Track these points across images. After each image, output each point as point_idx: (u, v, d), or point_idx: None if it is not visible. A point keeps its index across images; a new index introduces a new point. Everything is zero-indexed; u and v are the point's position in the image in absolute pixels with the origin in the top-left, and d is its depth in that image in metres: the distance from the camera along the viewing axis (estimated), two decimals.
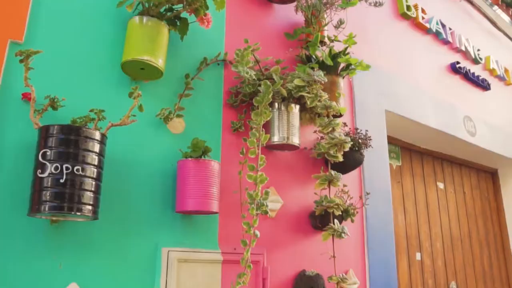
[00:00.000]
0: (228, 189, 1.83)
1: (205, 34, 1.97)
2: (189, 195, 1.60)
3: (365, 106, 2.60)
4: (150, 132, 1.71)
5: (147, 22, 1.65)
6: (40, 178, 1.30)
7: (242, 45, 2.07)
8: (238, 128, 1.94)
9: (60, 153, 1.31)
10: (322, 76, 1.83)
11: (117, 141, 1.59)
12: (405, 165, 3.38)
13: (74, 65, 1.59)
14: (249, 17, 2.20)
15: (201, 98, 1.89)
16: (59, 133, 1.33)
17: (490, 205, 4.12)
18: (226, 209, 1.81)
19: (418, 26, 3.30)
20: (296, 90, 1.84)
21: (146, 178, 1.66)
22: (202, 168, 1.62)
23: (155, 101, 1.75)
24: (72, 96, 1.54)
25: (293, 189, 2.12)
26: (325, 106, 1.81)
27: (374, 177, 2.51)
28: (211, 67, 1.96)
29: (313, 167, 2.22)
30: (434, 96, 3.21)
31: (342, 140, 1.73)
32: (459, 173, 3.90)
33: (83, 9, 1.66)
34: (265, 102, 1.72)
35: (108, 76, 1.66)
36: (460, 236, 3.66)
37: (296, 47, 2.28)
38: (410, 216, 3.26)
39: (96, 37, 1.67)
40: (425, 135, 3.23)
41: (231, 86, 1.99)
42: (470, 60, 3.80)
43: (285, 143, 1.91)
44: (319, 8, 2.05)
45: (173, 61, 1.83)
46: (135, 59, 1.59)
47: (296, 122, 1.94)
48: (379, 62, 2.80)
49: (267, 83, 1.77)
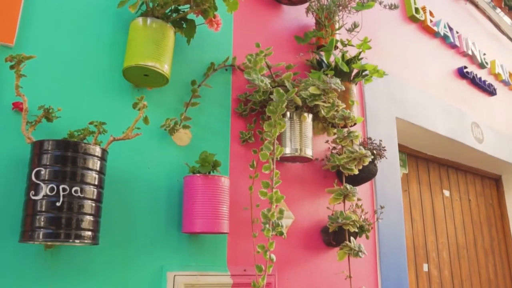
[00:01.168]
0: (237, 204, 1.70)
1: (212, 37, 1.83)
2: (197, 215, 1.46)
3: (376, 113, 2.48)
4: (153, 144, 1.56)
5: (152, 23, 1.50)
6: (33, 201, 1.14)
7: (250, 49, 1.94)
8: (247, 139, 1.80)
9: (56, 172, 1.16)
10: (339, 84, 1.70)
11: (118, 155, 1.44)
12: (412, 172, 3.27)
13: (70, 71, 1.43)
14: (257, 19, 2.06)
15: (208, 106, 1.75)
16: (55, 149, 1.18)
17: (494, 212, 4.04)
18: (235, 226, 1.67)
19: (426, 30, 3.19)
20: (311, 98, 1.71)
21: (150, 195, 1.51)
22: (212, 185, 1.48)
23: (159, 110, 1.61)
24: (68, 105, 1.39)
25: (304, 202, 1.99)
26: (343, 116, 1.67)
27: (386, 188, 2.39)
28: (219, 73, 1.81)
29: (325, 179, 2.09)
30: (443, 101, 3.11)
31: (362, 154, 1.60)
32: (464, 180, 3.81)
33: (80, 9, 1.50)
34: (279, 113, 1.58)
35: (108, 83, 1.51)
36: (466, 244, 3.56)
37: (307, 52, 2.15)
38: (417, 225, 3.16)
39: (95, 40, 1.51)
40: (433, 142, 3.12)
41: (240, 93, 1.85)
42: (477, 64, 3.70)
43: (298, 155, 1.78)
44: (333, 10, 1.91)
45: (178, 66, 1.69)
46: (139, 65, 1.44)
47: (309, 133, 1.81)
48: (389, 67, 2.68)
49: (280, 91, 1.63)
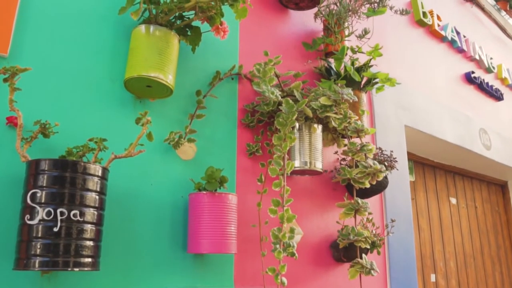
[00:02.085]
0: (244, 221, 1.61)
1: (217, 44, 1.75)
2: (204, 235, 1.37)
3: (385, 121, 2.40)
4: (156, 159, 1.47)
5: (155, 31, 1.42)
6: (28, 226, 1.06)
7: (256, 56, 1.86)
8: (254, 152, 1.71)
9: (53, 195, 1.07)
10: (351, 95, 1.62)
11: (118, 171, 1.36)
12: (419, 180, 3.19)
13: (68, 83, 1.34)
14: (263, 24, 1.98)
15: (213, 117, 1.66)
16: (52, 169, 1.10)
17: (500, 218, 3.97)
18: (242, 244, 1.59)
19: (433, 34, 3.11)
20: (322, 110, 1.62)
21: (153, 213, 1.43)
22: (219, 203, 1.40)
23: (162, 122, 1.52)
24: (66, 119, 1.30)
25: (313, 216, 1.91)
26: (356, 129, 1.59)
27: (396, 198, 2.31)
28: (224, 82, 1.73)
29: (334, 191, 2.01)
30: (451, 108, 3.03)
31: (377, 169, 1.52)
32: (471, 187, 3.74)
33: (78, 16, 1.42)
34: (290, 125, 1.50)
35: (108, 95, 1.42)
36: (473, 253, 3.49)
37: (315, 59, 2.07)
38: (425, 234, 3.08)
39: (95, 49, 1.42)
40: (441, 150, 3.05)
41: (247, 103, 1.77)
42: (484, 69, 3.63)
43: (307, 168, 1.70)
44: (343, 16, 1.83)
45: (182, 76, 1.60)
46: (141, 76, 1.35)
47: (319, 145, 1.73)
48: (397, 73, 2.60)
49: (289, 102, 1.55)
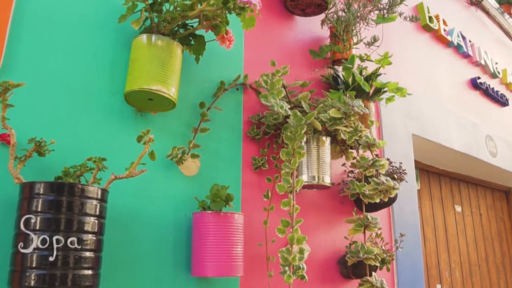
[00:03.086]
0: (249, 239, 1.54)
1: (221, 53, 1.67)
2: (209, 257, 1.30)
3: (393, 130, 2.33)
4: (158, 176, 1.40)
5: (157, 41, 1.34)
6: (22, 255, 0.98)
7: (262, 65, 1.78)
8: (260, 166, 1.64)
9: (48, 221, 1.00)
10: (362, 107, 1.55)
11: (118, 189, 1.28)
12: (424, 188, 3.13)
13: (65, 96, 1.27)
14: (269, 31, 1.90)
15: (217, 130, 1.59)
16: (47, 192, 1.02)
17: (505, 225, 3.91)
18: (248, 264, 1.51)
19: (439, 39, 3.05)
20: (331, 122, 1.55)
21: (155, 233, 1.35)
22: (225, 223, 1.32)
23: (164, 137, 1.44)
24: (63, 136, 1.22)
25: (320, 231, 1.84)
26: (368, 143, 1.52)
27: (403, 211, 2.24)
28: (229, 92, 1.65)
29: (341, 205, 1.94)
30: (457, 115, 2.97)
31: (390, 186, 1.45)
32: (475, 194, 3.68)
33: (75, 24, 1.34)
34: (298, 140, 1.43)
35: (107, 108, 1.34)
36: (478, 261, 3.43)
37: (322, 67, 1.99)
38: (430, 243, 3.01)
39: (93, 59, 1.35)
40: (448, 158, 2.98)
41: (252, 115, 1.69)
42: (489, 74, 3.57)
43: (316, 183, 1.63)
44: (352, 23, 1.76)
45: (185, 87, 1.53)
46: (143, 89, 1.28)
47: (327, 159, 1.66)
48: (403, 80, 2.53)
49: (297, 114, 1.48)
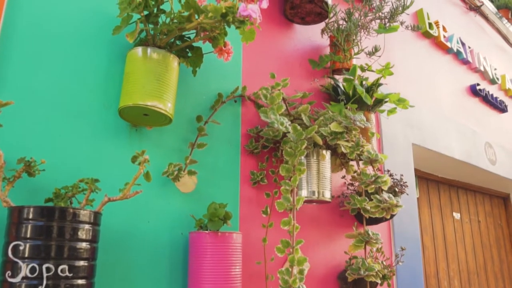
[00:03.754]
0: (247, 257, 1.49)
1: (218, 64, 1.62)
2: (206, 279, 1.25)
3: (393, 140, 2.30)
4: (154, 193, 1.35)
5: (153, 54, 1.29)
6: (10, 284, 0.93)
7: (260, 75, 1.74)
8: (259, 181, 1.59)
9: (38, 248, 0.95)
10: (364, 121, 1.51)
11: (112, 208, 1.23)
12: (423, 196, 3.10)
13: (56, 112, 1.21)
14: (267, 40, 1.86)
15: (215, 145, 1.54)
16: (37, 217, 0.97)
17: (503, 232, 3.89)
18: (246, 283, 1.47)
19: (439, 45, 3.02)
20: (332, 137, 1.51)
21: (150, 253, 1.30)
22: (223, 244, 1.28)
23: (160, 152, 1.39)
24: (54, 153, 1.17)
25: (319, 245, 1.80)
26: (370, 159, 1.48)
27: (403, 222, 2.21)
28: (227, 105, 1.61)
29: (341, 218, 1.90)
30: (457, 122, 2.94)
31: (393, 204, 1.41)
32: (474, 201, 3.65)
33: (67, 36, 1.28)
34: (299, 156, 1.38)
35: (101, 123, 1.29)
36: (476, 269, 3.41)
37: (322, 77, 1.95)
38: (429, 252, 2.98)
39: (85, 72, 1.29)
40: (447, 166, 2.96)
41: (250, 128, 1.65)
42: (488, 80, 3.55)
43: (315, 198, 1.59)
44: (354, 32, 1.72)
45: (182, 100, 1.48)
46: (138, 105, 1.23)
47: (327, 173, 1.61)
48: (404, 89, 2.50)
49: (297, 128, 1.44)
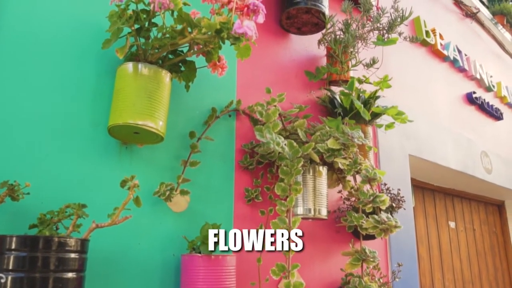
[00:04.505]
0: (242, 277, 1.45)
1: (212, 77, 1.57)
2: None
3: (389, 152, 2.26)
4: (145, 213, 1.30)
5: (144, 70, 1.24)
6: None
7: (256, 87, 1.70)
8: (253, 198, 1.55)
9: (21, 281, 0.90)
10: (362, 138, 1.47)
11: (101, 230, 1.18)
12: (418, 205, 3.07)
13: (41, 131, 1.16)
14: (263, 50, 1.81)
15: (208, 161, 1.49)
16: (21, 247, 0.92)
17: (498, 239, 3.88)
18: None
19: (436, 54, 2.99)
20: (329, 153, 1.47)
21: (141, 276, 1.25)
22: (216, 267, 1.23)
23: (151, 171, 1.35)
24: (39, 176, 1.12)
25: (315, 262, 1.76)
26: (368, 178, 1.44)
27: (400, 237, 2.17)
28: (221, 119, 1.56)
29: (337, 234, 1.86)
30: (453, 131, 2.92)
31: (391, 225, 1.37)
32: (469, 209, 3.64)
33: (54, 51, 1.23)
34: (295, 175, 1.34)
35: (89, 141, 1.24)
36: (471, 278, 3.39)
37: (319, 89, 1.91)
38: (424, 263, 2.96)
39: (73, 88, 1.24)
40: (444, 176, 2.93)
41: (245, 143, 1.61)
42: (484, 88, 3.53)
43: (311, 216, 1.55)
44: (352, 44, 1.68)
45: (174, 115, 1.43)
46: (128, 124, 1.18)
47: (324, 190, 1.57)
48: (401, 99, 2.47)
49: (293, 145, 1.40)
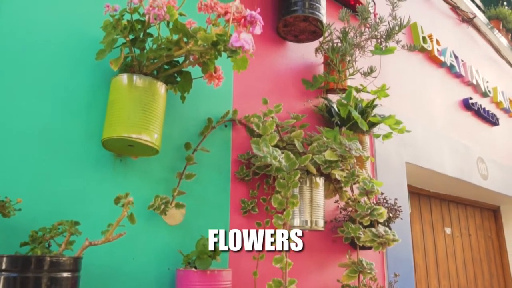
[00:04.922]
0: None
1: (208, 87, 1.55)
2: None
3: (386, 160, 2.25)
4: (139, 227, 1.28)
5: (138, 82, 1.22)
6: None
7: (252, 96, 1.68)
8: (250, 210, 1.53)
9: None
10: (360, 150, 1.46)
11: (94, 247, 1.16)
12: (414, 211, 3.07)
13: (33, 144, 1.14)
14: (259, 58, 1.79)
15: (204, 173, 1.47)
16: (11, 268, 0.89)
17: (493, 245, 3.88)
18: None
19: (433, 60, 2.99)
20: (326, 165, 1.46)
21: None
22: (211, 283, 1.21)
23: (146, 183, 1.32)
24: (31, 191, 1.10)
25: (311, 273, 1.74)
26: (366, 190, 1.43)
27: (397, 246, 2.15)
28: (217, 130, 1.54)
29: (333, 244, 1.85)
30: (450, 138, 2.91)
31: (389, 239, 1.36)
32: (465, 214, 3.64)
33: (46, 61, 1.21)
34: (292, 188, 1.32)
35: (83, 153, 1.22)
36: (467, 284, 3.39)
37: (316, 97, 1.90)
38: (420, 270, 2.95)
39: (66, 99, 1.22)
40: (440, 183, 2.93)
41: (241, 153, 1.59)
42: (480, 93, 3.53)
43: (308, 228, 1.53)
44: (349, 52, 1.66)
45: (169, 126, 1.41)
46: (122, 138, 1.16)
47: (321, 201, 1.56)
48: (398, 107, 2.46)
49: (290, 157, 1.38)
